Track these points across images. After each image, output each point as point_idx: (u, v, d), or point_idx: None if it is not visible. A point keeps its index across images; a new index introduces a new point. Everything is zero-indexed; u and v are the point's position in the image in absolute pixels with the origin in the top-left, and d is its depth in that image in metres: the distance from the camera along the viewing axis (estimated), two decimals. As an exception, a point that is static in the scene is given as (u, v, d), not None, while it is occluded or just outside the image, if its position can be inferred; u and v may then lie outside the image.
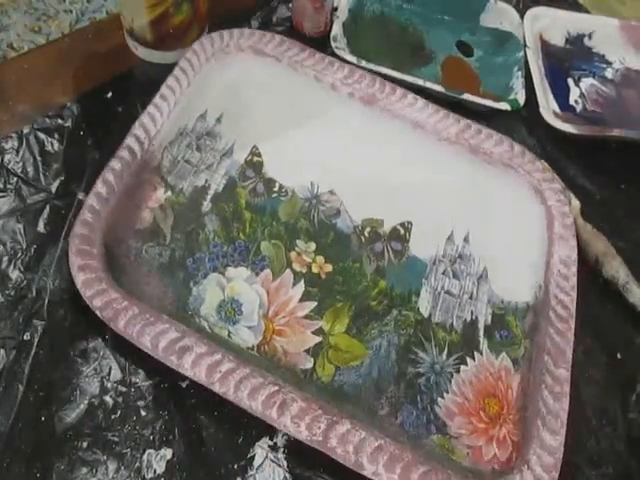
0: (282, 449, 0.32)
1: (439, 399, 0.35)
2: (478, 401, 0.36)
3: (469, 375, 0.37)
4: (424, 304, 0.39)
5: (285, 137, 0.44)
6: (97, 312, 0.32)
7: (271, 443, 0.32)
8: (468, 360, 0.37)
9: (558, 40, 0.59)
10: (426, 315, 0.38)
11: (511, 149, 0.46)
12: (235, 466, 0.31)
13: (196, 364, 0.31)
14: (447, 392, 0.36)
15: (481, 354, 0.38)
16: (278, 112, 0.45)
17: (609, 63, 0.60)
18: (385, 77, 0.48)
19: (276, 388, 0.31)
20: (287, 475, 0.31)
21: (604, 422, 0.37)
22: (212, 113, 0.44)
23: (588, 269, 0.43)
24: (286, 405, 0.31)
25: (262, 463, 0.31)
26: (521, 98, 0.51)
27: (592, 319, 0.41)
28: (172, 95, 0.41)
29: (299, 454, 0.32)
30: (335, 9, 0.53)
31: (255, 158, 0.43)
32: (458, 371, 0.37)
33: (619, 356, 0.40)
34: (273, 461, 0.32)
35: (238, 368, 0.31)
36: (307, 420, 0.30)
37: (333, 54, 0.49)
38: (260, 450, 0.32)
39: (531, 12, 0.58)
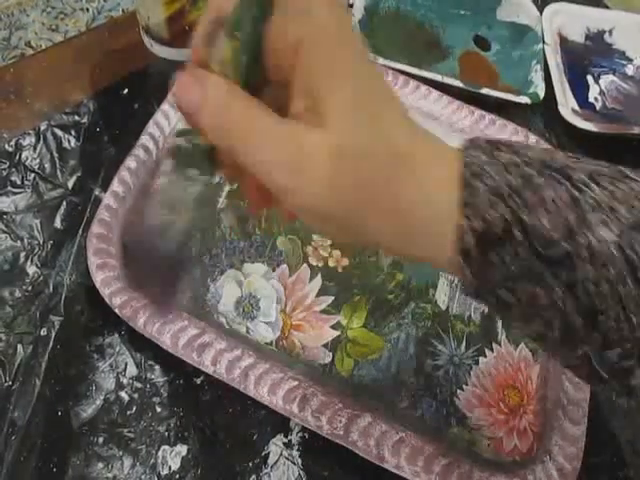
0: (296, 446, 0.32)
1: (458, 391, 0.35)
2: (498, 392, 0.35)
3: (488, 366, 0.36)
4: (441, 296, 0.39)
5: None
6: (116, 310, 0.32)
7: (285, 440, 0.32)
8: (487, 352, 0.37)
9: (577, 36, 0.58)
10: (443, 307, 0.38)
11: (526, 139, 0.46)
12: (250, 463, 0.31)
13: (216, 360, 0.31)
14: (466, 384, 0.35)
15: (500, 345, 0.37)
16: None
17: (630, 60, 0.59)
18: (403, 74, 0.47)
19: (296, 383, 0.31)
20: (301, 473, 0.31)
21: (624, 423, 0.36)
22: (226, 109, 0.44)
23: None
24: (307, 399, 0.30)
25: (277, 461, 0.31)
26: (541, 91, 0.50)
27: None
28: (186, 91, 0.41)
29: (313, 452, 0.32)
30: (350, 6, 0.53)
31: (270, 154, 0.42)
32: (477, 363, 0.36)
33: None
34: (287, 459, 0.31)
35: (258, 363, 0.31)
36: (328, 414, 0.30)
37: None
38: (275, 447, 0.32)
39: (550, 8, 0.58)
